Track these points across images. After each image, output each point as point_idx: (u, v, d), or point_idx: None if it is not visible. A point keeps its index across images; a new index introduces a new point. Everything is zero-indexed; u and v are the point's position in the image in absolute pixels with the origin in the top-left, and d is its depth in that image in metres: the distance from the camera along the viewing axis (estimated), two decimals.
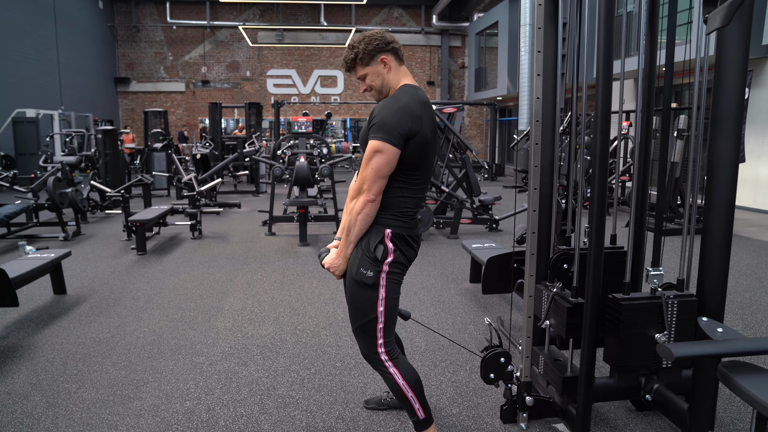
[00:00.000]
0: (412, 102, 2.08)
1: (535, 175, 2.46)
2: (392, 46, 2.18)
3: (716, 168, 2.10)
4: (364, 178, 2.06)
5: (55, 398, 2.89)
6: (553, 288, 2.48)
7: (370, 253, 2.11)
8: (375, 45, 2.16)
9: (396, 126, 2.02)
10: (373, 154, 2.03)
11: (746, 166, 9.63)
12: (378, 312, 2.15)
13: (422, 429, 2.29)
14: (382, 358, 2.20)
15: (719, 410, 2.72)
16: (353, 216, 2.10)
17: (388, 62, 2.18)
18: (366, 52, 2.15)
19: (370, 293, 2.13)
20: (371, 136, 2.05)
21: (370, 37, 2.16)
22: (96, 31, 19.41)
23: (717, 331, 1.96)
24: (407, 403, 2.23)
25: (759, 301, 4.50)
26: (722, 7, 1.47)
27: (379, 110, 2.07)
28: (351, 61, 2.20)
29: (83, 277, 5.25)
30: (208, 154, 10.32)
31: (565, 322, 2.35)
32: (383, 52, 2.17)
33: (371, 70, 2.18)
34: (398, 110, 2.04)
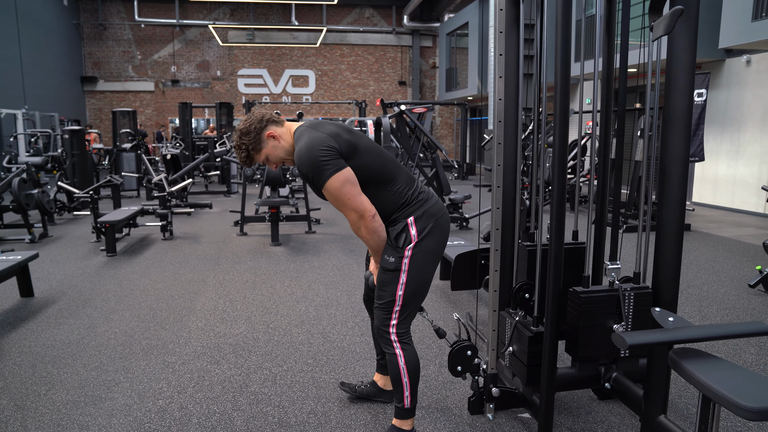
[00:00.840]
0: (311, 135, 2.17)
1: (498, 173, 2.55)
2: (266, 118, 2.28)
3: (668, 165, 2.21)
4: (350, 208, 2.15)
5: (24, 401, 2.88)
6: (516, 316, 2.59)
7: (393, 241, 2.27)
8: (254, 129, 2.25)
9: (322, 160, 2.10)
10: (336, 190, 2.12)
11: (706, 164, 9.97)
12: (397, 295, 2.28)
13: (403, 418, 2.38)
14: (391, 338, 2.32)
15: (674, 396, 2.85)
16: (369, 237, 2.22)
17: (275, 134, 2.27)
18: (252, 141, 2.25)
19: (392, 276, 2.28)
20: (322, 184, 2.13)
21: (245, 129, 2.26)
22: (61, 28, 19.00)
23: (668, 320, 2.08)
24: (399, 387, 2.34)
25: (715, 294, 4.69)
26: (665, 16, 1.57)
27: (301, 165, 2.15)
28: (247, 158, 2.30)
29: (51, 280, 5.18)
30: (178, 154, 10.23)
31: (527, 349, 2.47)
32: (264, 129, 2.26)
33: (267, 150, 2.28)
34: (308, 151, 2.12)
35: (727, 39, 8.65)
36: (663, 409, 2.18)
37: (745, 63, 9.19)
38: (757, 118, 9.03)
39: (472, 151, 19.71)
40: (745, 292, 4.72)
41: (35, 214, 8.33)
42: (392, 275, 2.27)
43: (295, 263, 5.82)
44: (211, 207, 8.82)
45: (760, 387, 1.65)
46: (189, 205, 8.99)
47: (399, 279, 2.27)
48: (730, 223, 8.35)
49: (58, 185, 8.33)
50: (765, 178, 8.88)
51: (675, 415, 2.70)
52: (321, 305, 4.41)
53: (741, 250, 6.43)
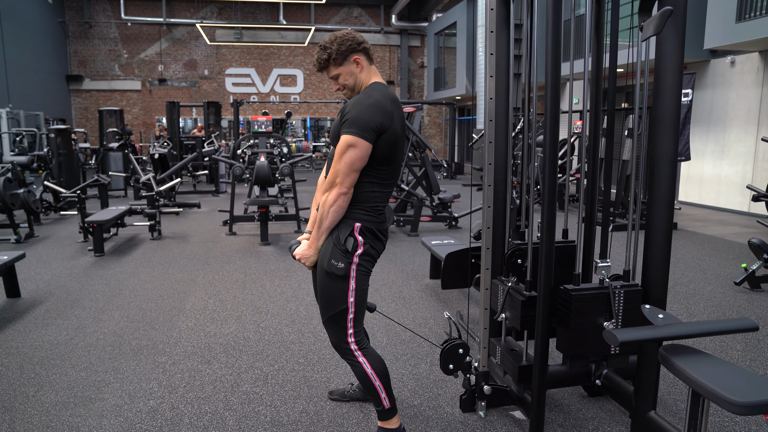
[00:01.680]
0: (384, 99, 2.16)
1: (489, 172, 2.57)
2: (363, 46, 2.26)
3: (657, 164, 2.24)
4: (337, 172, 2.11)
5: (12, 402, 2.85)
6: (508, 282, 2.60)
7: (341, 245, 2.17)
8: (348, 45, 2.22)
9: (368, 121, 2.08)
10: (346, 148, 2.09)
11: (692, 164, 10.08)
12: (348, 303, 2.22)
13: (386, 418, 2.37)
14: (351, 348, 2.27)
15: (663, 392, 2.89)
16: (326, 208, 2.15)
17: (361, 62, 2.25)
18: (339, 52, 2.21)
19: (341, 284, 2.21)
20: (344, 131, 2.11)
21: (342, 38, 2.22)
22: (46, 26, 18.78)
23: (658, 317, 2.10)
24: (374, 392, 2.30)
25: (702, 291, 4.75)
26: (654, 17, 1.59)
27: (351, 106, 2.13)
28: (324, 61, 2.24)
29: (38, 280, 5.13)
30: (166, 153, 10.16)
31: (519, 314, 2.47)
32: (356, 52, 2.23)
33: (344, 70, 2.24)
34: (370, 106, 2.11)
35: (712, 40, 8.75)
36: (653, 404, 2.21)
37: (729, 64, 9.31)
38: (742, 118, 9.14)
39: (461, 151, 19.77)
40: (731, 290, 4.79)
41: (21, 214, 8.24)
42: (341, 283, 2.20)
43: (284, 263, 5.81)
44: (199, 207, 8.78)
45: (748, 382, 1.67)
46: (177, 204, 8.94)
47: (349, 286, 2.21)
48: (715, 221, 8.45)
49: (44, 185, 8.24)
50: (749, 177, 9.01)
51: (664, 411, 2.73)
52: (311, 304, 4.40)
53: (726, 248, 6.52)
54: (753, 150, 8.96)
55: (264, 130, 7.45)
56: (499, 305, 2.63)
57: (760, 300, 4.51)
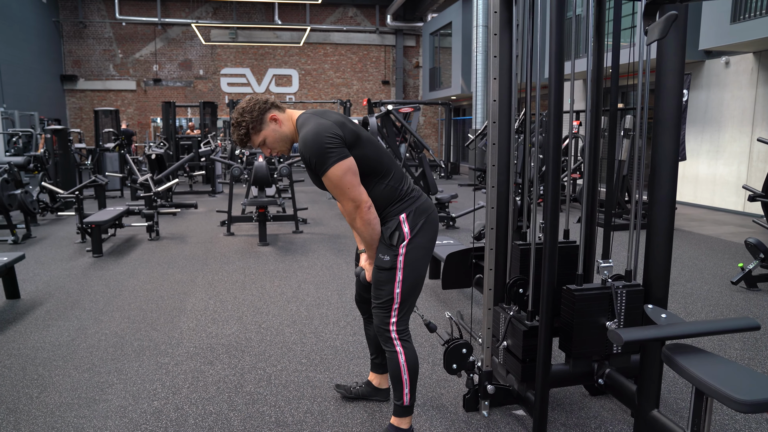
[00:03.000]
0: (317, 121, 2.17)
1: (492, 173, 2.59)
2: (270, 101, 2.27)
3: (659, 165, 2.26)
4: (350, 198, 2.16)
5: (16, 404, 2.85)
6: (510, 311, 2.63)
7: (387, 240, 2.28)
8: (258, 108, 2.23)
9: (327, 147, 2.10)
10: (338, 179, 2.13)
11: (687, 164, 10.14)
12: (395, 293, 2.30)
13: (402, 415, 2.40)
14: (391, 336, 2.34)
15: (664, 391, 2.92)
16: (363, 229, 2.24)
17: (277, 117, 2.26)
18: (253, 119, 2.22)
19: (388, 275, 2.29)
20: (324, 171, 2.12)
21: (249, 106, 2.23)
22: (40, 26, 18.70)
23: (661, 316, 2.13)
24: (399, 385, 2.36)
25: (699, 291, 4.79)
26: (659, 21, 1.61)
27: (305, 151, 2.14)
28: (245, 135, 2.25)
29: (37, 281, 5.12)
30: (162, 154, 10.14)
31: (521, 344, 2.51)
32: (267, 111, 2.25)
33: (267, 133, 2.26)
34: (314, 137, 2.11)
35: (707, 41, 8.81)
36: (656, 403, 2.23)
37: (724, 64, 9.37)
38: (736, 119, 9.21)
39: (457, 151, 19.81)
40: (728, 289, 4.83)
41: (17, 214, 8.21)
42: (388, 274, 2.29)
43: (284, 263, 5.82)
44: (196, 207, 8.76)
45: (752, 380, 1.70)
46: (174, 205, 8.93)
47: (395, 277, 2.29)
48: (711, 221, 8.51)
49: (41, 185, 8.22)
50: (744, 177, 9.07)
51: (665, 409, 2.76)
52: (312, 305, 4.42)
53: (722, 247, 6.57)
54: (748, 150, 9.02)
55: None
56: (501, 333, 2.66)
57: (757, 299, 4.56)
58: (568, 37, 5.69)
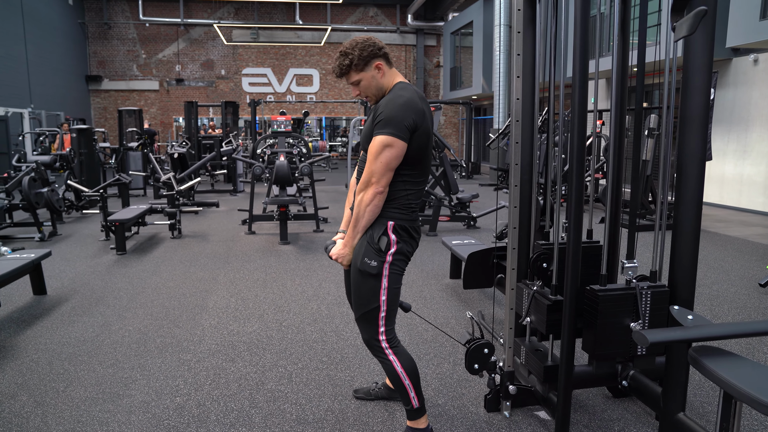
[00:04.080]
0: (415, 97, 2.17)
1: (515, 172, 2.57)
2: (384, 51, 2.26)
3: (685, 165, 2.22)
4: (373, 172, 2.13)
5: (43, 397, 2.90)
6: (533, 286, 2.60)
7: (374, 244, 2.20)
8: (369, 51, 2.21)
9: (402, 120, 2.10)
10: (382, 148, 2.10)
11: (713, 164, 9.95)
12: (381, 301, 2.24)
13: (415, 418, 2.38)
14: (382, 346, 2.29)
15: (689, 394, 2.86)
16: (362, 207, 2.17)
17: (382, 67, 2.24)
18: (361, 57, 2.20)
19: (373, 283, 2.23)
20: (378, 131, 2.12)
21: (363, 43, 2.21)
22: (66, 27, 19.06)
23: (687, 318, 2.09)
24: (404, 391, 2.32)
25: (725, 293, 4.70)
26: (688, 17, 1.58)
27: (384, 106, 2.14)
28: (346, 67, 2.23)
29: (63, 278, 5.21)
30: (185, 153, 10.26)
31: (545, 318, 2.47)
32: (377, 57, 2.23)
33: (366, 76, 2.24)
34: (403, 105, 2.12)
35: (734, 38, 8.64)
36: (682, 406, 2.20)
37: (752, 62, 9.18)
38: (765, 117, 9.01)
39: (477, 150, 19.71)
40: (756, 291, 4.73)
41: (43, 212, 8.36)
42: (374, 281, 2.23)
43: (304, 261, 5.85)
44: (218, 206, 8.86)
45: None
46: (196, 203, 9.03)
47: (381, 284, 2.23)
48: (737, 222, 8.34)
49: (67, 184, 8.37)
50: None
51: (691, 412, 2.71)
52: (333, 303, 4.43)
53: (750, 249, 6.43)
54: None
55: (283, 130, 7.49)
56: (524, 309, 2.63)
57: None
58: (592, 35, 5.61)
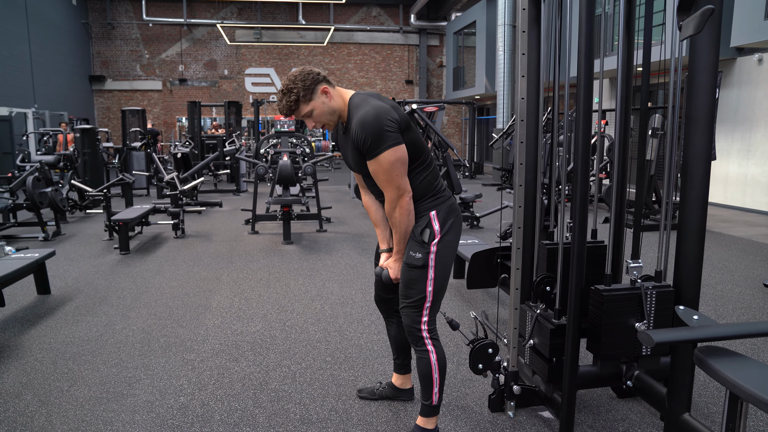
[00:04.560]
0: (374, 102, 2.17)
1: (520, 172, 2.56)
2: (323, 75, 2.23)
3: (691, 165, 2.21)
4: (396, 186, 2.15)
5: (48, 396, 2.91)
6: (537, 309, 2.60)
7: (418, 236, 2.26)
8: (311, 79, 2.17)
9: (386, 128, 2.10)
10: (390, 163, 2.11)
11: (717, 164, 9.92)
12: (427, 292, 2.29)
13: (429, 415, 2.41)
14: (423, 335, 2.33)
15: (694, 395, 2.86)
16: (401, 219, 2.21)
17: (328, 91, 2.21)
18: (305, 88, 2.16)
19: (419, 274, 2.27)
20: (376, 153, 2.10)
21: (302, 74, 2.17)
22: (69, 27, 19.10)
23: (693, 318, 2.08)
24: (429, 384, 2.35)
25: (730, 293, 4.68)
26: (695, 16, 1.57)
27: (360, 129, 2.11)
28: (294, 103, 2.17)
29: (67, 277, 5.22)
30: (188, 153, 10.27)
31: (548, 342, 2.47)
32: (319, 83, 2.19)
33: (316, 104, 2.19)
34: (375, 117, 2.10)
35: (738, 37, 8.61)
36: (687, 407, 2.19)
37: (756, 61, 9.15)
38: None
39: (480, 150, 19.69)
40: (761, 291, 4.71)
41: (47, 212, 8.38)
42: (420, 272, 2.27)
43: (308, 261, 5.85)
44: (221, 206, 8.87)
45: None
46: (199, 203, 9.04)
47: (427, 275, 2.28)
48: (741, 222, 8.32)
49: (70, 183, 8.38)
50: None
51: (696, 413, 2.70)
52: (336, 303, 4.43)
53: (754, 249, 6.41)
54: None
55: (287, 130, 7.49)
56: (528, 331, 2.63)
57: None
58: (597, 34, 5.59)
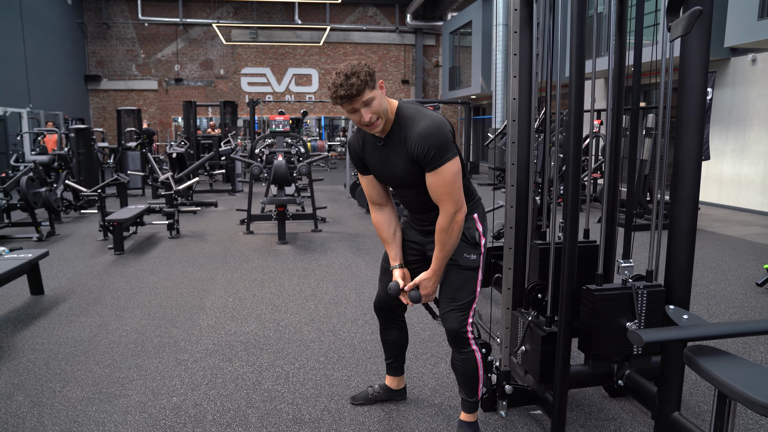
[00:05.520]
0: (432, 113, 2.13)
1: (512, 172, 2.57)
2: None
3: (681, 164, 2.22)
4: (455, 199, 2.10)
5: (40, 397, 2.90)
6: (528, 316, 2.61)
7: (470, 239, 2.27)
8: (371, 70, 2.08)
9: (449, 139, 2.07)
10: (454, 175, 2.08)
11: (711, 163, 9.96)
12: (477, 292, 2.33)
13: (473, 410, 2.46)
14: (469, 336, 2.34)
15: (685, 394, 2.87)
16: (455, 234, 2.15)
17: (383, 87, 2.14)
18: (369, 74, 2.03)
19: (471, 275, 2.30)
20: (442, 163, 2.05)
21: (362, 65, 2.05)
22: (65, 27, 19.04)
23: (683, 317, 2.09)
24: (474, 382, 2.39)
25: (723, 292, 4.70)
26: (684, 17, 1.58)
27: (426, 140, 2.04)
28: (362, 84, 2.00)
29: (60, 278, 5.21)
30: (183, 153, 10.26)
31: (539, 349, 2.48)
32: (376, 78, 2.11)
33: (377, 94, 2.06)
34: (441, 127, 2.06)
35: (732, 38, 8.64)
36: (677, 406, 2.20)
37: (750, 62, 9.18)
38: (763, 117, 9.02)
39: (476, 150, 19.71)
40: (753, 291, 4.73)
41: (41, 212, 8.36)
42: (472, 273, 2.29)
43: (302, 261, 5.85)
44: (216, 205, 8.86)
45: None
46: (194, 203, 9.03)
47: (478, 276, 2.31)
48: (735, 222, 8.35)
49: (65, 184, 8.36)
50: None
51: (687, 412, 2.71)
52: (330, 303, 4.43)
53: (747, 249, 6.44)
54: None
55: (282, 130, 7.49)
56: (519, 338, 2.64)
57: None
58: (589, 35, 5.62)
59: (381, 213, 2.41)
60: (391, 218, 2.41)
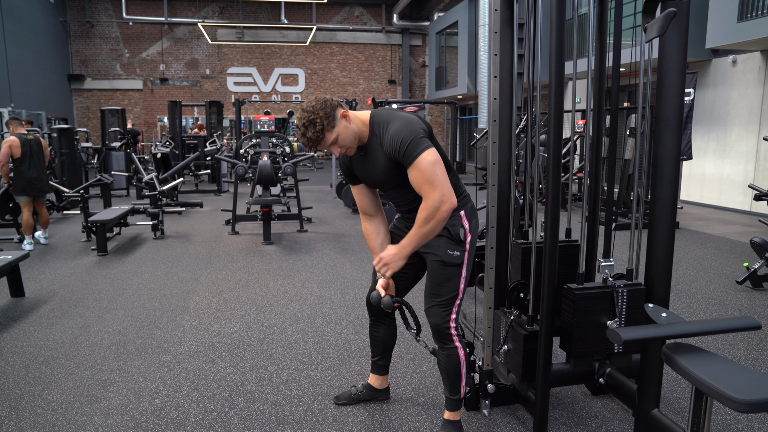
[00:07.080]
0: (402, 114, 2.20)
1: (493, 172, 2.58)
2: (336, 101, 2.20)
3: (660, 164, 2.25)
4: (439, 189, 2.10)
5: (18, 401, 2.86)
6: (511, 315, 2.62)
7: (455, 236, 2.30)
8: (330, 105, 2.13)
9: (419, 133, 2.13)
10: (433, 165, 2.11)
11: (693, 163, 10.08)
12: (459, 289, 2.35)
13: (456, 408, 2.48)
14: (452, 332, 2.37)
15: (666, 391, 2.90)
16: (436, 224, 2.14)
17: (347, 114, 2.18)
18: (327, 116, 2.11)
19: (454, 271, 2.33)
20: (417, 154, 2.10)
21: (319, 104, 2.12)
22: (47, 25, 18.79)
23: (661, 315, 2.11)
24: (457, 379, 2.41)
25: (704, 290, 4.76)
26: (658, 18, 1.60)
27: (396, 138, 2.13)
28: (320, 133, 2.12)
29: (42, 280, 5.15)
30: (168, 153, 10.18)
31: (522, 348, 2.50)
32: (336, 108, 2.15)
33: (339, 129, 2.15)
34: (406, 124, 2.15)
35: (713, 39, 8.75)
36: (656, 403, 2.22)
37: (731, 63, 9.30)
38: (743, 118, 9.14)
39: (463, 150, 19.77)
40: (733, 289, 4.80)
41: None
42: (455, 270, 2.32)
43: (287, 262, 5.83)
44: (201, 206, 8.80)
45: (752, 380, 1.68)
46: (179, 204, 8.95)
47: (461, 273, 2.34)
48: (717, 220, 8.46)
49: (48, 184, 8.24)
50: (751, 176, 9.01)
51: (667, 409, 2.74)
52: (315, 304, 4.42)
53: (728, 247, 6.52)
54: (755, 149, 8.96)
55: (267, 130, 7.46)
56: (502, 337, 2.66)
57: (762, 299, 4.52)
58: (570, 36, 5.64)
59: (371, 223, 2.50)
60: (379, 228, 2.49)
